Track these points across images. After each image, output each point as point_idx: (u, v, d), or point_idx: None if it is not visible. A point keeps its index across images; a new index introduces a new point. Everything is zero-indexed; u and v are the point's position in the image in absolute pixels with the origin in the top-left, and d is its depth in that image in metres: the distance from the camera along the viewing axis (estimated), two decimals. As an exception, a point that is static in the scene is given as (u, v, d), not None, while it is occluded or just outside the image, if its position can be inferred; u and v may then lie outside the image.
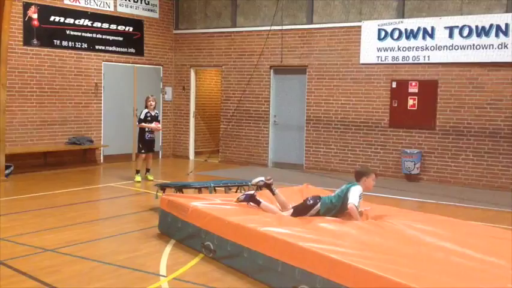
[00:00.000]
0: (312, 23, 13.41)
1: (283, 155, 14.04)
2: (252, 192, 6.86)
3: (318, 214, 6.32)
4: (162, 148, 15.53)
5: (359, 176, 6.41)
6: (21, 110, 12.22)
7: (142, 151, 11.41)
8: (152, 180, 11.22)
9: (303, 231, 5.57)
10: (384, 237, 5.44)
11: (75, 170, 12.66)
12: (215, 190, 8.59)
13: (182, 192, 8.25)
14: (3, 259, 5.93)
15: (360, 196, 6.15)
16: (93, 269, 5.76)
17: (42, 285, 5.22)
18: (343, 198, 6.20)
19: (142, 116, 11.38)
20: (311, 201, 6.42)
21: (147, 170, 11.59)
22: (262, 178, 6.94)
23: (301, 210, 6.42)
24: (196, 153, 15.81)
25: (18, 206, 8.77)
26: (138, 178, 11.28)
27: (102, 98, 13.91)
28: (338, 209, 6.25)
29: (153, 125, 11.35)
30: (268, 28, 13.79)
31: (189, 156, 15.56)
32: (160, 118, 11.91)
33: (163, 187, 8.66)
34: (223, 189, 8.86)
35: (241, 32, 14.47)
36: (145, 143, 11.40)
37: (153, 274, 5.64)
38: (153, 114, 11.44)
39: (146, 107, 11.47)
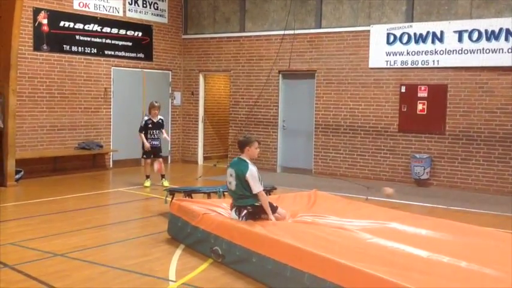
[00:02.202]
0: (320, 27, 13.39)
1: (292, 160, 14.01)
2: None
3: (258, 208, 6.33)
4: (171, 153, 15.55)
5: (242, 146, 6.49)
6: (31, 115, 12.29)
7: (144, 156, 11.40)
8: (167, 186, 10.90)
9: (313, 235, 5.56)
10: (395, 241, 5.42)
11: (85, 175, 12.70)
12: (224, 195, 8.58)
13: (191, 197, 8.25)
14: (13, 264, 5.95)
15: (258, 175, 6.30)
16: (103, 274, 5.77)
17: (52, 290, 5.24)
18: (246, 185, 6.26)
19: (142, 124, 11.29)
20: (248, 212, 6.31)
21: (162, 176, 11.43)
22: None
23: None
24: (205, 158, 15.82)
25: (28, 211, 8.80)
26: (146, 183, 11.27)
27: (112, 103, 13.97)
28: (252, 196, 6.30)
29: (146, 144, 11.10)
30: (276, 33, 13.80)
31: (197, 161, 15.58)
32: (168, 126, 11.63)
33: (172, 192, 8.67)
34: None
35: (250, 36, 14.49)
36: (147, 151, 11.29)
37: (162, 279, 5.63)
38: (155, 121, 11.29)
39: (149, 113, 11.37)
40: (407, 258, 4.95)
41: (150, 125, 11.25)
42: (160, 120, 11.41)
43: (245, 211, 6.29)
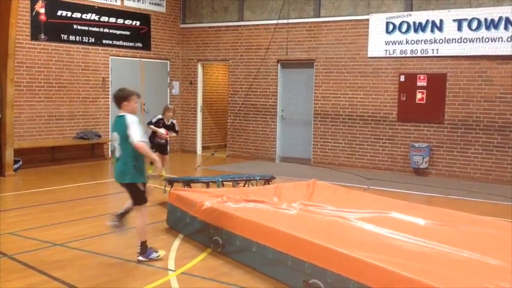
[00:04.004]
0: (319, 16, 13.34)
1: (291, 149, 14.00)
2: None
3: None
4: (170, 143, 15.50)
5: (120, 100, 5.84)
6: (29, 104, 12.24)
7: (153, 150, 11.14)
8: (164, 176, 10.75)
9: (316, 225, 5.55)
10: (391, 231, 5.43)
11: (83, 165, 12.69)
12: (223, 185, 8.59)
13: (190, 187, 8.24)
14: (12, 253, 5.95)
15: (137, 125, 5.63)
16: (102, 264, 5.77)
17: (51, 280, 5.24)
18: (127, 137, 5.60)
19: (153, 120, 11.11)
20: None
21: None
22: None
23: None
24: (204, 148, 15.81)
25: (26, 200, 8.79)
26: (149, 170, 10.89)
27: (110, 93, 13.90)
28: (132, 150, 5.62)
29: (161, 130, 10.96)
30: (275, 22, 13.73)
31: (196, 151, 15.56)
32: (177, 128, 11.61)
33: (171, 181, 8.67)
34: (231, 183, 8.86)
35: (248, 25, 14.43)
36: (155, 147, 11.04)
37: (161, 268, 5.64)
38: (167, 123, 11.11)
39: (163, 114, 11.14)
40: (407, 248, 4.95)
41: (161, 124, 11.06)
42: (171, 124, 11.24)
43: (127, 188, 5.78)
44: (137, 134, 5.57)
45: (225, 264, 5.79)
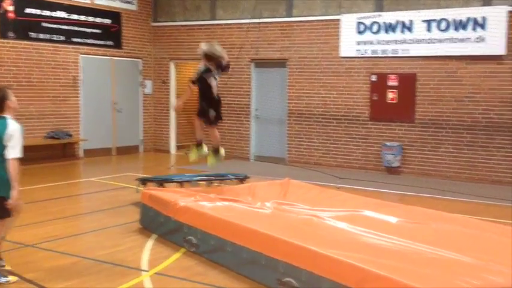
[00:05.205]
0: (291, 16, 13.38)
1: (266, 148, 14.03)
2: None
3: None
4: (143, 142, 15.41)
5: (1, 103, 5.12)
6: (-3, 104, 11.99)
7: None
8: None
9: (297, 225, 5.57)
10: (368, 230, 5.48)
11: (55, 165, 12.50)
12: (197, 184, 8.56)
13: (163, 187, 8.20)
14: (-19, 256, 5.83)
15: (20, 136, 5.07)
16: (74, 265, 5.70)
17: (22, 281, 5.16)
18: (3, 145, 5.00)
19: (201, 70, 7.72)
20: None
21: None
22: None
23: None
24: (178, 147, 15.72)
25: (-4, 201, 8.61)
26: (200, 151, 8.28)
27: (81, 92, 13.74)
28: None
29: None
30: (247, 21, 13.72)
31: (170, 150, 15.47)
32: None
33: (144, 181, 8.60)
34: (205, 183, 8.84)
35: (221, 24, 14.39)
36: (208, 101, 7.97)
37: (135, 269, 5.60)
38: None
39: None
40: (379, 245, 5.01)
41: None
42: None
43: None
44: (16, 149, 5.00)
45: (199, 264, 5.78)
